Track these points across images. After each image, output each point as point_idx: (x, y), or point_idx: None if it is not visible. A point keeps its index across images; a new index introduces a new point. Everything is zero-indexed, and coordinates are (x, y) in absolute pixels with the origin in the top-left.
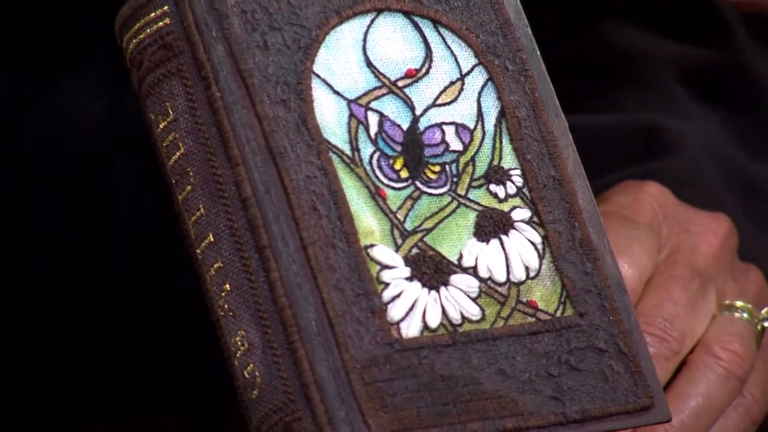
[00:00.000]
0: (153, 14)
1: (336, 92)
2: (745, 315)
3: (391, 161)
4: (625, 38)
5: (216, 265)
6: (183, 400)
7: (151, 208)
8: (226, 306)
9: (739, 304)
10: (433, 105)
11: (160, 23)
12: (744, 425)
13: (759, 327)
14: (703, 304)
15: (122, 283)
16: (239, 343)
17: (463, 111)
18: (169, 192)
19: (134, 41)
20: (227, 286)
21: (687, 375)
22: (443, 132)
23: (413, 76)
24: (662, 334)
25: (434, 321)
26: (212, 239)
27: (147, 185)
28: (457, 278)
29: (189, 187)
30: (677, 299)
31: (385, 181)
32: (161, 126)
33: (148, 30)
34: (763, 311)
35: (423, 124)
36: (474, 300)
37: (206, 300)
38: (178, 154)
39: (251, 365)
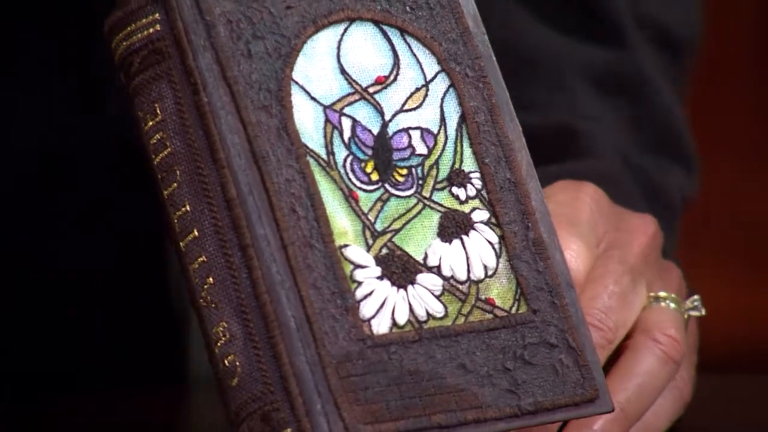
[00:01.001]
0: (144, 20)
1: (313, 98)
2: (672, 305)
3: (362, 164)
4: (534, 39)
5: (200, 259)
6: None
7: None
8: (208, 298)
9: (666, 295)
10: (401, 110)
11: (151, 29)
12: (677, 406)
13: (686, 316)
14: (634, 297)
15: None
16: (220, 334)
17: (427, 116)
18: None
19: (125, 44)
20: (210, 279)
21: (630, 357)
22: (410, 136)
23: (383, 82)
24: (599, 324)
25: (402, 318)
26: (197, 234)
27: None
28: (422, 277)
29: (175, 184)
30: (611, 292)
31: (358, 183)
32: (149, 124)
33: (139, 35)
34: (687, 302)
35: (391, 128)
36: (438, 298)
37: (187, 289)
38: (165, 152)
39: (232, 355)
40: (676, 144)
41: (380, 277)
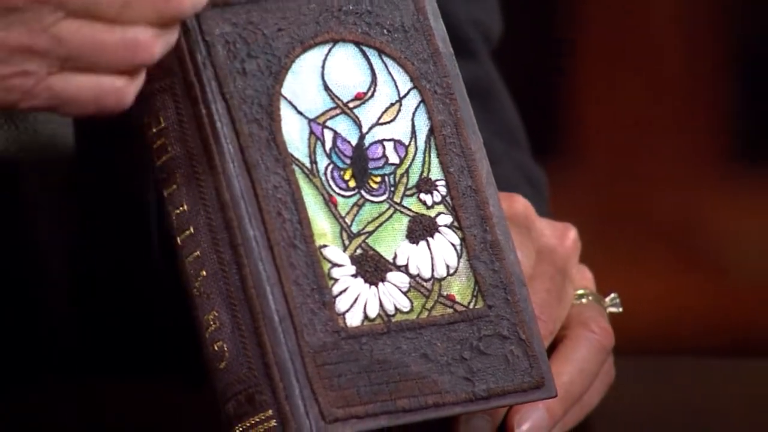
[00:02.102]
0: None
1: (299, 112)
2: (595, 301)
3: (342, 172)
4: None
5: (195, 254)
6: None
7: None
8: (201, 288)
9: (588, 292)
10: (377, 124)
11: None
12: (605, 389)
13: (607, 312)
14: (565, 294)
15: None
16: (211, 321)
17: (400, 129)
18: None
19: None
20: (204, 272)
21: (570, 346)
22: (384, 147)
23: (361, 98)
24: (541, 317)
25: (373, 312)
26: (192, 232)
27: None
28: (392, 275)
29: (174, 185)
30: (548, 289)
31: (337, 189)
32: (153, 130)
33: None
34: (607, 299)
35: (368, 140)
36: (405, 294)
37: (182, 278)
38: (165, 156)
39: (220, 341)
40: (522, 136)
41: (354, 275)
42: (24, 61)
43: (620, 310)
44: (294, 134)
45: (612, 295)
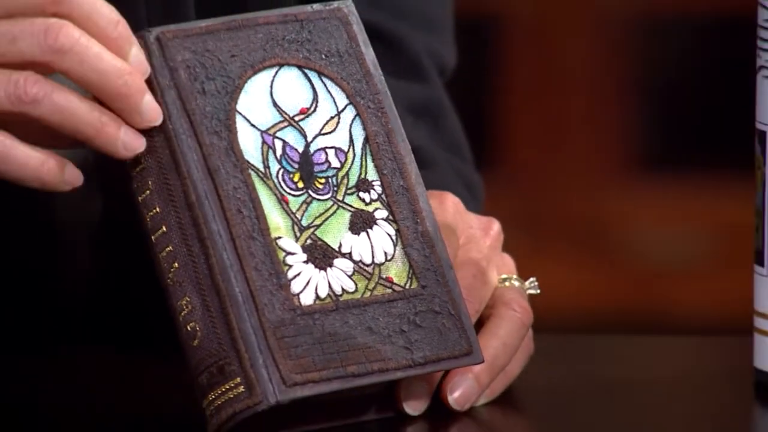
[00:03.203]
0: None
1: (252, 125)
2: (517, 284)
3: (291, 175)
4: None
5: (168, 249)
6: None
7: None
8: (174, 278)
9: (510, 276)
10: (319, 134)
11: None
12: (525, 360)
13: (527, 294)
14: (490, 279)
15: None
16: (184, 306)
17: (339, 138)
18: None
19: None
20: (176, 264)
21: (495, 323)
22: (326, 154)
23: (305, 112)
24: (469, 298)
25: (323, 292)
26: (165, 230)
27: None
28: (338, 261)
29: (148, 191)
30: (475, 274)
31: (288, 190)
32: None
33: None
34: (527, 282)
35: (312, 148)
36: (350, 277)
37: (157, 270)
38: (139, 167)
39: (193, 322)
40: (466, 150)
41: (306, 262)
42: None
43: (538, 291)
44: (249, 144)
45: (531, 279)
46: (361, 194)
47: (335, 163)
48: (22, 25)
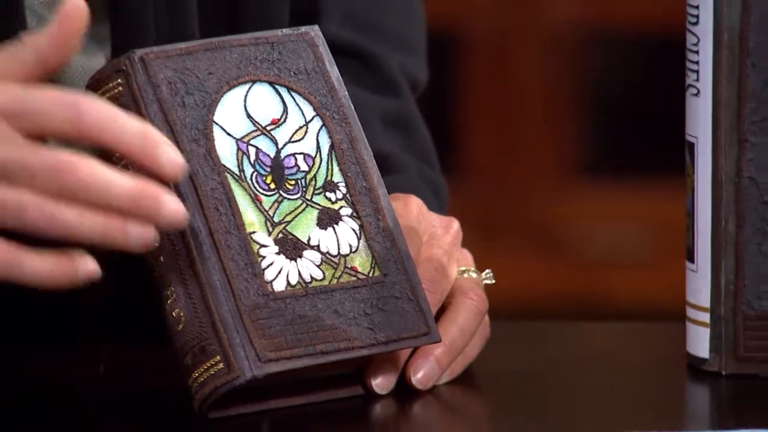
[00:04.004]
0: (111, 84)
1: (228, 134)
2: (474, 275)
3: (264, 178)
4: (350, 95)
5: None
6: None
7: None
8: (160, 271)
9: (468, 269)
10: (289, 141)
11: (116, 90)
12: (483, 341)
13: (483, 284)
14: (450, 271)
15: None
16: (169, 295)
17: (307, 145)
18: None
19: (101, 97)
20: (161, 258)
21: (454, 310)
22: (296, 159)
23: (276, 123)
24: (431, 288)
25: (294, 280)
26: None
27: None
28: (307, 253)
29: None
30: (436, 267)
31: (261, 190)
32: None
33: (109, 94)
34: (483, 274)
35: (283, 153)
36: (318, 266)
37: (145, 265)
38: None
39: (177, 309)
40: (434, 158)
41: (278, 253)
42: None
43: (493, 282)
44: (225, 150)
45: (487, 271)
46: (328, 194)
47: (304, 167)
48: (35, 158)
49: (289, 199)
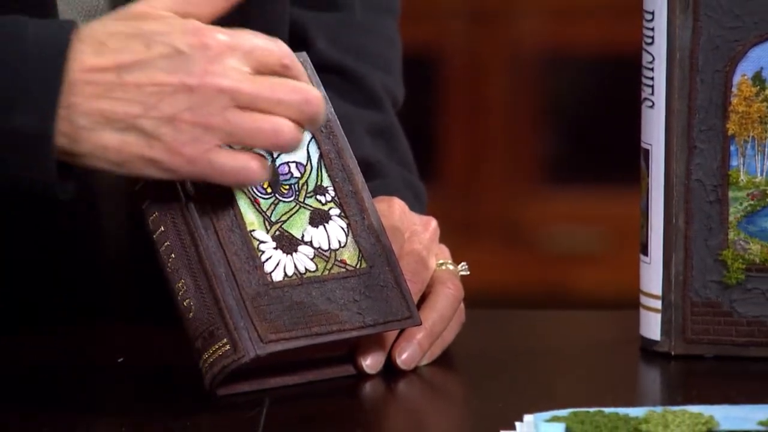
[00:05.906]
0: None
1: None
2: (451, 267)
3: (261, 183)
4: (337, 109)
5: (166, 244)
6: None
7: None
8: (172, 266)
9: (446, 262)
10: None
11: None
12: (458, 328)
13: (459, 275)
14: (429, 264)
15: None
16: (181, 287)
17: (299, 155)
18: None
19: None
20: (173, 255)
21: (433, 298)
22: (289, 167)
23: None
24: (413, 279)
25: (290, 271)
26: (163, 229)
27: None
28: (301, 248)
29: (148, 200)
30: (417, 261)
31: (259, 194)
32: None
33: None
34: (459, 266)
35: (278, 162)
36: (311, 260)
37: (157, 261)
38: (139, 185)
39: (188, 299)
40: (413, 164)
41: (276, 248)
42: (200, 133)
43: (468, 273)
44: None
45: (462, 263)
46: (318, 197)
47: (296, 174)
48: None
49: (284, 201)
